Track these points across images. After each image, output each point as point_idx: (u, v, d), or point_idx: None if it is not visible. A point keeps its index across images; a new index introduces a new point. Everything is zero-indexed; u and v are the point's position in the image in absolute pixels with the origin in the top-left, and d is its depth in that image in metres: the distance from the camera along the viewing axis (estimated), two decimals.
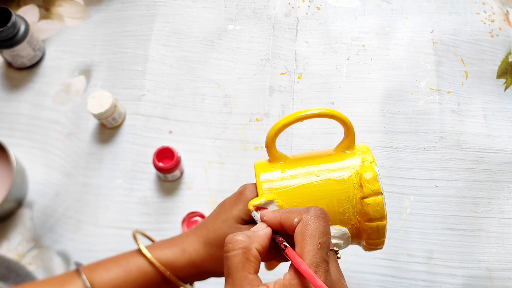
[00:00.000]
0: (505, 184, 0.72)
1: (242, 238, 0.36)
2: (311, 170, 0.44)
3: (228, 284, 0.35)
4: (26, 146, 0.76)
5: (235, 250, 0.35)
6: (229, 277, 0.35)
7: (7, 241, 0.71)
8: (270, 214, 0.39)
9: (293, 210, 0.38)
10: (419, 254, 0.70)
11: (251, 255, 0.35)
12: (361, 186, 0.42)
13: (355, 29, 0.83)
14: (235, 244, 0.35)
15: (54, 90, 0.79)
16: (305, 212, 0.36)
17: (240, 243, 0.36)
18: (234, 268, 0.35)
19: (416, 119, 0.76)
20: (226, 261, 0.35)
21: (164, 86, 0.79)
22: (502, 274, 0.68)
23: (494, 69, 0.80)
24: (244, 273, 0.34)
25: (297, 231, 0.36)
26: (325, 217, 0.36)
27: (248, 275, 0.34)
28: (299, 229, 0.36)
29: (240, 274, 0.34)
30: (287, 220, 0.37)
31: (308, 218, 0.36)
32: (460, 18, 0.83)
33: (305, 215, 0.36)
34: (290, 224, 0.37)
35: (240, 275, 0.34)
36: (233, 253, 0.35)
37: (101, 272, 0.47)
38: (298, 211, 0.37)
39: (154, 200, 0.73)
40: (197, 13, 0.84)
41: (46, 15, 0.84)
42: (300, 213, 0.36)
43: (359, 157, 0.44)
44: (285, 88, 0.79)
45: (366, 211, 0.42)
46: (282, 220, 0.38)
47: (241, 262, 0.35)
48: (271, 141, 0.45)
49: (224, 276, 0.45)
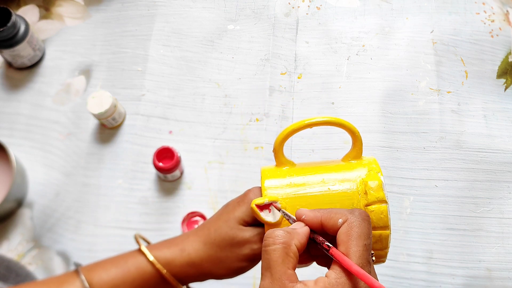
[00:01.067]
0: (505, 184, 0.72)
1: (283, 233, 0.36)
2: (316, 176, 0.44)
3: (266, 278, 0.35)
4: (26, 146, 0.76)
5: (275, 244, 0.36)
6: (267, 271, 0.35)
7: (7, 241, 0.71)
8: (309, 213, 0.39)
9: (334, 210, 0.38)
10: (419, 254, 0.70)
11: (291, 251, 0.36)
12: (366, 193, 0.42)
13: (355, 29, 0.83)
14: (276, 239, 0.36)
15: (54, 90, 0.79)
16: (349, 213, 0.37)
17: (280, 238, 0.36)
18: (273, 262, 0.35)
19: (416, 119, 0.76)
20: (265, 255, 0.36)
21: (164, 86, 0.79)
22: (502, 274, 0.68)
23: (494, 69, 0.80)
24: (284, 267, 0.35)
25: (342, 232, 0.36)
26: (369, 220, 0.37)
27: (287, 270, 0.35)
28: (344, 230, 0.36)
29: (279, 269, 0.35)
30: (329, 220, 0.37)
31: (354, 219, 0.36)
32: (460, 18, 0.83)
33: (351, 216, 0.36)
34: (333, 224, 0.37)
35: (279, 270, 0.35)
36: (273, 247, 0.35)
37: (99, 272, 0.47)
38: (341, 212, 0.37)
39: (154, 200, 0.73)
40: (197, 13, 0.84)
41: (46, 15, 0.84)
42: (345, 214, 0.37)
43: (365, 167, 0.44)
44: (285, 88, 0.79)
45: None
46: (323, 219, 0.38)
47: (281, 256, 0.35)
48: (279, 146, 0.45)
49: (220, 275, 0.46)
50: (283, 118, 0.77)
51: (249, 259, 0.45)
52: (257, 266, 0.46)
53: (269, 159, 0.75)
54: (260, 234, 0.44)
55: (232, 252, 0.45)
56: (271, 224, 0.42)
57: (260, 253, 0.44)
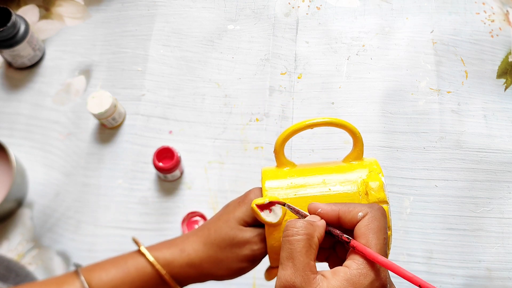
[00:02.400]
0: (505, 184, 0.72)
1: (306, 224, 0.36)
2: (317, 177, 0.44)
3: (287, 268, 0.35)
4: (26, 146, 0.76)
5: (299, 235, 0.35)
6: (289, 261, 0.35)
7: (7, 241, 0.71)
8: (326, 207, 0.38)
9: (352, 204, 0.38)
10: (419, 254, 0.70)
11: (313, 242, 0.36)
12: (367, 194, 0.42)
13: (355, 29, 0.83)
14: (299, 229, 0.36)
15: (54, 90, 0.79)
16: (369, 207, 0.37)
17: (304, 229, 0.36)
18: (297, 252, 0.35)
19: (416, 119, 0.76)
20: (287, 244, 0.35)
21: (164, 86, 0.79)
22: (502, 274, 0.68)
23: (494, 69, 0.80)
24: (307, 258, 0.35)
25: (362, 225, 0.36)
26: (386, 215, 0.37)
27: (310, 261, 0.35)
28: (365, 223, 0.36)
29: (303, 259, 0.35)
30: (348, 214, 0.37)
31: (375, 213, 0.36)
32: (460, 18, 0.83)
33: (371, 210, 0.37)
34: (351, 217, 0.37)
35: (303, 260, 0.35)
36: (297, 237, 0.35)
37: (99, 272, 0.47)
38: (361, 206, 0.37)
39: (154, 200, 0.73)
40: (197, 13, 0.84)
41: (46, 15, 0.84)
42: (364, 208, 0.37)
43: (366, 168, 0.44)
44: (285, 88, 0.79)
45: None
46: (341, 213, 0.38)
47: (305, 247, 0.35)
48: (280, 147, 0.45)
49: (220, 276, 0.46)
50: (283, 118, 0.77)
51: (249, 260, 0.45)
52: (257, 266, 0.46)
53: (269, 159, 0.75)
54: (261, 235, 0.44)
55: (232, 253, 0.44)
56: (271, 224, 0.42)
57: (260, 253, 0.44)
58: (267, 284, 0.67)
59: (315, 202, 0.40)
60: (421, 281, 0.32)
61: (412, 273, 0.33)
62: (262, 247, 0.44)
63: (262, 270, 0.49)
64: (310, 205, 0.39)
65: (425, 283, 0.32)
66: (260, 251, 0.44)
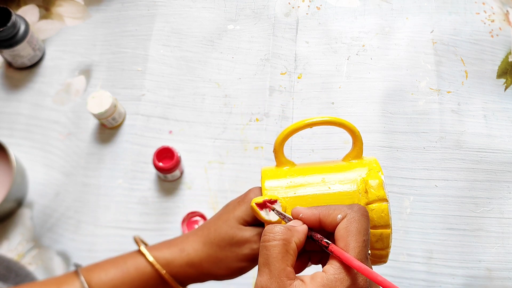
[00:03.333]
0: (505, 184, 0.72)
1: (283, 229, 0.36)
2: (316, 176, 0.44)
3: (264, 274, 0.35)
4: (26, 146, 0.76)
5: (275, 240, 0.35)
6: (265, 267, 0.35)
7: (7, 241, 0.71)
8: (306, 211, 0.38)
9: (333, 206, 0.37)
10: (419, 254, 0.70)
11: (291, 248, 0.35)
12: (366, 192, 0.42)
13: (355, 29, 0.83)
14: (276, 235, 0.35)
15: (54, 90, 0.79)
16: (348, 208, 0.36)
17: (281, 234, 0.35)
18: (273, 258, 0.35)
19: (416, 119, 0.76)
20: (264, 250, 0.35)
21: (164, 86, 0.79)
22: (502, 274, 0.68)
23: (494, 69, 0.80)
24: (283, 264, 0.34)
25: (341, 227, 0.36)
26: (368, 216, 0.37)
27: (286, 267, 0.34)
28: (344, 225, 0.35)
29: (279, 265, 0.34)
30: (328, 217, 0.37)
31: (353, 214, 0.36)
32: (460, 18, 0.83)
33: (350, 211, 0.36)
34: (331, 220, 0.36)
35: (278, 266, 0.34)
36: (273, 243, 0.35)
37: (98, 273, 0.47)
38: (340, 208, 0.37)
39: (154, 200, 0.73)
40: (197, 13, 0.84)
41: (46, 15, 0.84)
42: (343, 210, 0.36)
43: (366, 166, 0.44)
44: (285, 88, 0.79)
45: (370, 217, 0.41)
46: (322, 216, 0.37)
47: (281, 253, 0.35)
48: (279, 146, 0.45)
49: (220, 276, 0.46)
50: (283, 118, 0.77)
51: (249, 259, 0.45)
52: (257, 266, 0.46)
53: (269, 159, 0.75)
54: (260, 234, 0.44)
55: (231, 252, 0.44)
56: (271, 223, 0.42)
57: None
58: None
59: (298, 206, 0.39)
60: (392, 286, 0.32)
61: (383, 277, 0.32)
62: None
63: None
64: (293, 210, 0.39)
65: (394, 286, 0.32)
66: None
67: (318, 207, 0.38)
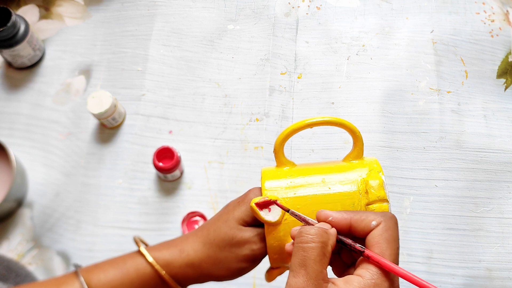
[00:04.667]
0: (505, 184, 0.72)
1: (321, 231, 0.35)
2: (316, 176, 0.43)
3: (299, 275, 0.34)
4: (26, 146, 0.76)
5: (314, 242, 0.35)
6: (302, 268, 0.34)
7: (7, 241, 0.71)
8: (337, 215, 0.38)
9: (364, 213, 0.37)
10: (419, 254, 0.70)
11: (327, 251, 0.35)
12: (367, 193, 0.41)
13: (355, 29, 0.83)
14: (315, 237, 0.35)
15: (54, 90, 0.79)
16: (382, 216, 0.36)
17: (319, 236, 0.35)
18: (311, 260, 0.34)
19: (416, 119, 0.76)
20: (301, 251, 0.35)
21: (164, 86, 0.79)
22: (502, 274, 0.68)
23: (494, 69, 0.80)
24: (321, 267, 0.34)
25: (376, 234, 0.35)
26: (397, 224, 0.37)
27: (323, 270, 0.34)
28: (379, 232, 0.35)
29: (317, 268, 0.34)
30: (360, 222, 0.36)
31: (389, 222, 0.36)
32: (460, 18, 0.83)
33: (384, 218, 0.36)
34: (364, 226, 0.36)
35: (317, 269, 0.34)
36: (312, 245, 0.35)
37: (98, 273, 0.47)
38: (373, 214, 0.37)
39: (154, 200, 0.73)
40: (197, 13, 0.84)
41: (46, 15, 0.84)
42: (377, 217, 0.36)
43: (366, 166, 0.44)
44: (285, 88, 0.79)
45: None
46: (353, 221, 0.37)
47: (320, 255, 0.34)
48: (279, 146, 0.45)
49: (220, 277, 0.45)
50: (283, 118, 0.77)
51: (248, 260, 0.45)
52: (257, 266, 0.46)
53: (269, 159, 0.75)
54: (260, 235, 0.44)
55: (231, 253, 0.44)
56: (271, 223, 0.42)
57: (260, 253, 0.44)
58: (267, 284, 0.67)
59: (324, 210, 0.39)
60: None
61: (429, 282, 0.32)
62: (262, 246, 0.44)
63: (262, 270, 0.49)
64: (320, 213, 0.38)
65: None
66: (260, 251, 0.44)
67: (348, 211, 0.38)
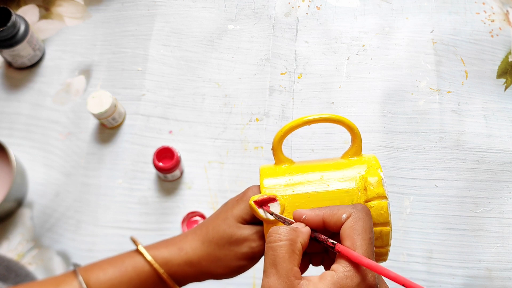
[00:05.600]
0: (505, 184, 0.72)
1: (289, 230, 0.36)
2: (315, 174, 0.43)
3: (271, 275, 0.35)
4: (26, 146, 0.76)
5: (281, 240, 0.35)
6: (272, 267, 0.35)
7: (7, 241, 0.71)
8: (309, 213, 0.38)
9: (335, 207, 0.38)
10: (419, 254, 0.70)
11: (296, 248, 0.36)
12: (366, 190, 0.41)
13: (355, 29, 0.83)
14: (282, 235, 0.36)
15: (54, 90, 0.79)
16: (352, 208, 0.37)
17: (287, 234, 0.36)
18: (280, 258, 0.35)
19: (416, 119, 0.76)
20: (270, 251, 0.35)
21: (164, 86, 0.79)
22: (502, 274, 0.68)
23: (494, 69, 0.80)
24: (290, 264, 0.35)
25: (346, 227, 0.36)
26: (370, 214, 0.37)
27: (293, 267, 0.35)
28: (349, 224, 0.36)
29: (286, 265, 0.34)
30: (332, 217, 0.37)
31: (358, 213, 0.36)
32: (460, 18, 0.83)
33: (354, 210, 0.37)
34: (336, 220, 0.37)
35: (286, 266, 0.34)
36: (280, 243, 0.35)
37: (97, 272, 0.47)
38: (344, 208, 0.37)
39: (154, 200, 0.73)
40: (197, 13, 0.84)
41: (46, 15, 0.84)
42: (348, 209, 0.37)
43: (364, 163, 0.44)
44: (285, 88, 0.79)
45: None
46: (326, 217, 0.37)
47: (288, 253, 0.35)
48: (278, 143, 0.45)
49: (219, 275, 0.45)
50: (283, 118, 0.77)
51: (247, 258, 0.45)
52: (256, 265, 0.46)
53: (269, 159, 0.75)
54: (259, 232, 0.44)
55: (230, 251, 0.44)
56: (269, 221, 0.42)
57: (259, 251, 0.44)
58: None
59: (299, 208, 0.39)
60: (405, 280, 0.32)
61: (395, 272, 0.32)
62: (261, 244, 0.44)
63: (262, 270, 0.49)
64: (295, 212, 0.39)
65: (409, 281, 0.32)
66: (259, 249, 0.44)
67: (321, 208, 0.38)
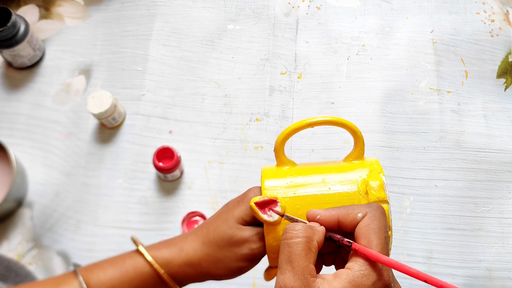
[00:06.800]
0: (505, 184, 0.72)
1: (305, 227, 0.36)
2: (317, 176, 0.43)
3: (286, 271, 0.35)
4: (26, 146, 0.76)
5: (298, 237, 0.35)
6: (288, 264, 0.35)
7: (7, 241, 0.71)
8: (324, 212, 0.38)
9: (351, 207, 0.38)
10: (419, 254, 0.70)
11: (313, 245, 0.35)
12: (367, 193, 0.41)
13: (355, 29, 0.83)
14: (299, 232, 0.35)
15: (54, 90, 0.79)
16: (367, 207, 0.37)
17: (303, 231, 0.35)
18: (296, 255, 0.35)
19: (416, 119, 0.76)
20: (286, 248, 0.35)
21: (164, 86, 0.79)
22: (502, 274, 0.68)
23: (494, 69, 0.80)
24: (306, 261, 0.34)
25: (362, 226, 0.36)
26: (385, 214, 0.37)
27: (309, 265, 0.35)
28: (365, 223, 0.36)
29: (302, 262, 0.34)
30: (347, 216, 0.37)
31: (374, 212, 0.36)
32: (460, 18, 0.83)
33: (370, 209, 0.36)
34: (351, 220, 0.37)
35: (302, 263, 0.34)
36: (296, 240, 0.35)
37: (97, 272, 0.47)
38: (359, 207, 0.37)
39: (154, 200, 0.73)
40: (197, 13, 0.84)
41: (46, 15, 0.84)
42: (363, 209, 0.37)
43: (367, 167, 0.44)
44: (285, 88, 0.79)
45: None
46: (340, 216, 0.37)
47: (304, 250, 0.35)
48: (280, 145, 0.45)
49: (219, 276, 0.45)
50: (283, 118, 0.77)
51: (248, 259, 0.45)
52: (257, 266, 0.46)
53: (269, 159, 0.75)
54: (259, 234, 0.44)
55: (230, 252, 0.44)
56: (270, 223, 0.42)
57: (259, 253, 0.44)
58: (267, 284, 0.67)
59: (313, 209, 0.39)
60: (427, 276, 0.32)
61: (416, 269, 0.32)
62: (261, 246, 0.44)
63: (262, 270, 0.49)
64: (309, 212, 0.39)
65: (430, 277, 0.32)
66: (259, 250, 0.44)
67: (335, 208, 0.38)
